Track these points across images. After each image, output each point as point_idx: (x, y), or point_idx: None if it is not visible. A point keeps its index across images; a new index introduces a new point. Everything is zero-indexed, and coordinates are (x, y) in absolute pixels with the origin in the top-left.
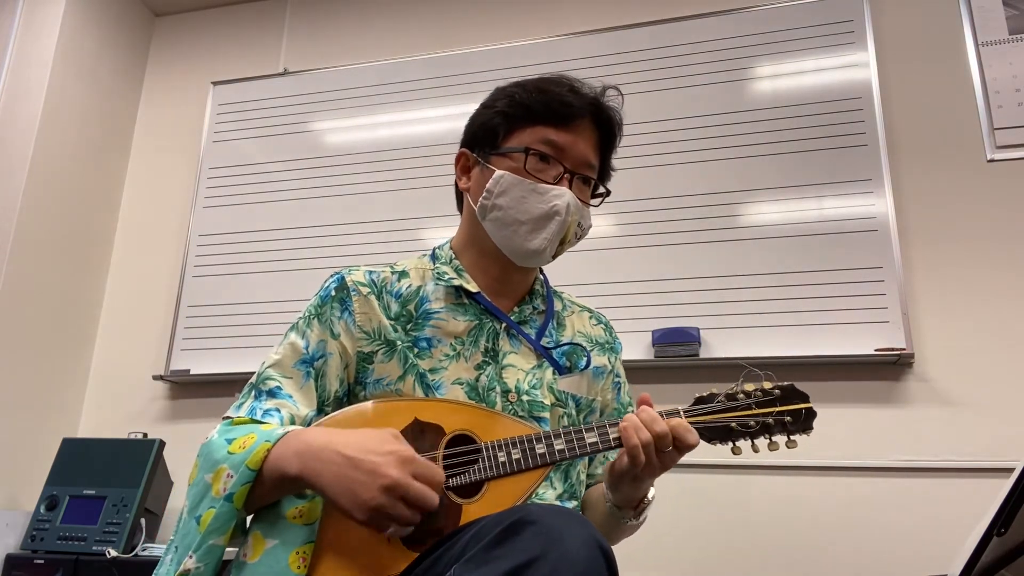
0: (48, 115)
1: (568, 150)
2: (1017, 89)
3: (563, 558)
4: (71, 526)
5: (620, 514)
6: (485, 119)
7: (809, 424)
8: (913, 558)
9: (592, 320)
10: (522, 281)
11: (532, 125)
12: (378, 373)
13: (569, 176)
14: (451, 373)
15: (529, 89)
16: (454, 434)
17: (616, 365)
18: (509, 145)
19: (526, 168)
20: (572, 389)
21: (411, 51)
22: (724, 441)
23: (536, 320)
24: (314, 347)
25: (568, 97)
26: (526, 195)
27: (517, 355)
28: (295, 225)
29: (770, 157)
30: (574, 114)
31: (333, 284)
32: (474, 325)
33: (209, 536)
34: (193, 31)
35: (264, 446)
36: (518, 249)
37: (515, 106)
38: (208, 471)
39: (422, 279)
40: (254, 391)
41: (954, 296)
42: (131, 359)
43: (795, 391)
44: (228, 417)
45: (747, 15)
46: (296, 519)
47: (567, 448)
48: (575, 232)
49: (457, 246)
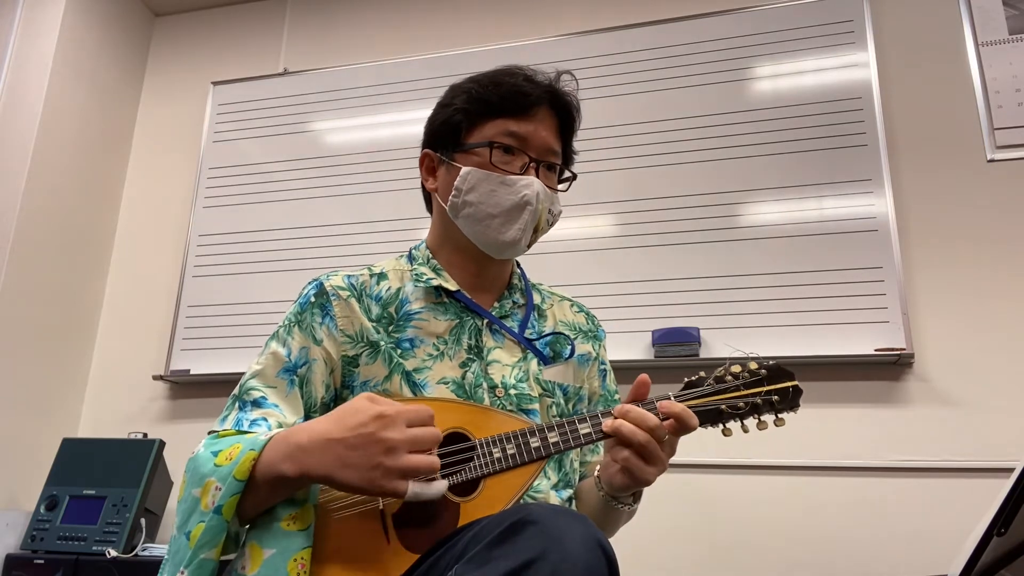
0: (48, 115)
1: (530, 139)
2: (1017, 89)
3: (564, 558)
4: (71, 526)
5: (616, 502)
6: (445, 117)
7: (796, 402)
8: (913, 558)
9: (574, 308)
10: (500, 275)
11: (492, 118)
12: (364, 375)
13: (535, 165)
14: (436, 373)
15: (485, 83)
16: (447, 432)
17: (600, 352)
18: (472, 141)
19: (492, 162)
20: (558, 378)
21: (411, 51)
22: (715, 424)
23: (517, 313)
24: (296, 355)
25: (524, 87)
26: (495, 188)
27: (501, 350)
28: (295, 225)
29: (770, 157)
30: (532, 103)
31: (312, 291)
32: (455, 324)
33: (200, 551)
34: (193, 31)
35: (250, 455)
36: (493, 242)
37: (473, 101)
38: (196, 485)
39: (401, 280)
40: (238, 403)
41: (954, 296)
42: (131, 359)
43: (781, 370)
44: (214, 431)
45: (747, 15)
46: (291, 525)
47: (561, 440)
48: (547, 219)
49: (432, 245)
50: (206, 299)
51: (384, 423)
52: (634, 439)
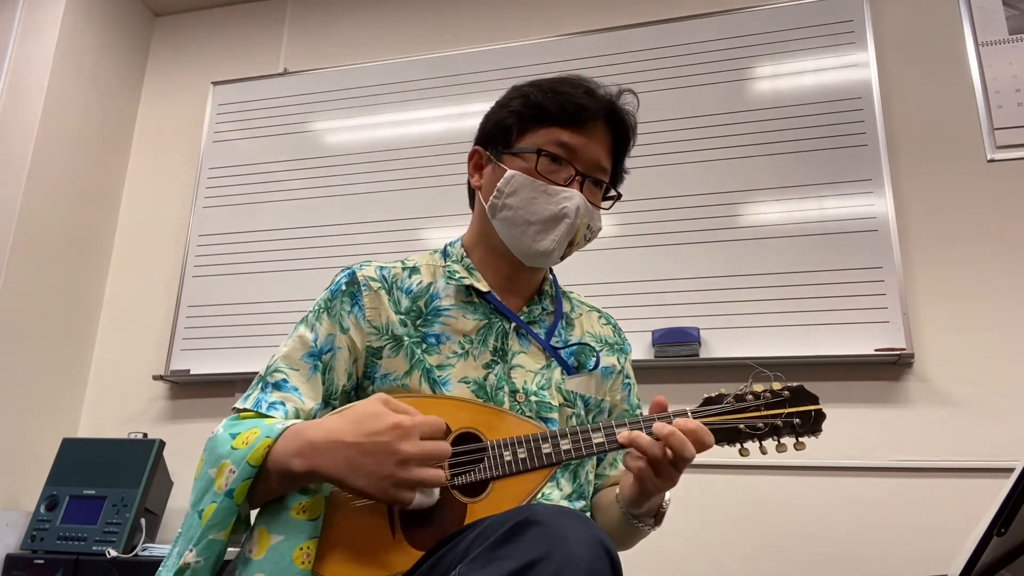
0: (48, 115)
1: (580, 152)
2: (1017, 89)
3: (568, 559)
4: (71, 526)
5: (638, 522)
6: (499, 118)
7: (818, 426)
8: (913, 558)
9: (601, 320)
10: (531, 280)
11: (545, 126)
12: (385, 368)
13: (580, 178)
14: (458, 371)
15: (544, 89)
16: (460, 432)
17: (625, 366)
18: (522, 145)
19: (537, 169)
20: (580, 389)
21: (411, 51)
22: (732, 443)
23: (545, 320)
24: (323, 340)
25: (583, 99)
26: (536, 196)
27: (526, 355)
28: (295, 225)
29: (770, 157)
30: (588, 116)
31: (344, 279)
32: (483, 324)
33: (209, 531)
34: (193, 31)
35: (265, 443)
36: (526, 249)
37: (529, 106)
38: (212, 466)
39: (433, 276)
40: (262, 383)
41: (954, 296)
42: (131, 359)
43: (804, 392)
44: (236, 409)
45: (747, 15)
46: (300, 514)
47: (573, 448)
48: (584, 235)
49: (468, 243)
50: (206, 299)
51: (399, 434)
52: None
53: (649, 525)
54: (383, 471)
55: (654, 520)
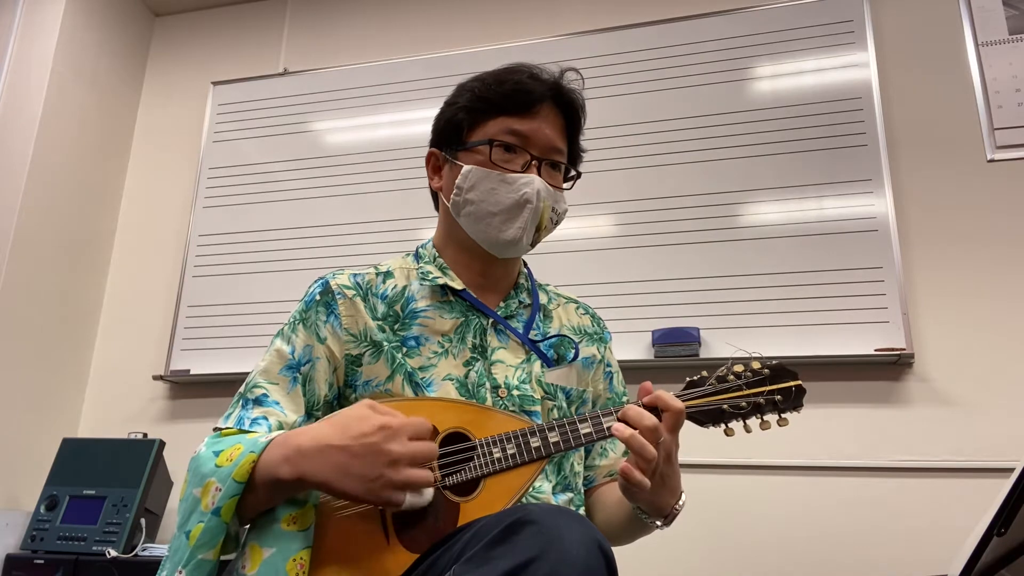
0: (48, 115)
1: (532, 137)
2: (1017, 89)
3: (562, 558)
4: (71, 526)
5: (648, 520)
6: (449, 116)
7: (799, 401)
8: (913, 558)
9: (579, 311)
10: (506, 275)
11: (494, 116)
12: (367, 375)
13: (537, 163)
14: (440, 370)
15: (488, 81)
16: (447, 432)
17: (606, 354)
18: (474, 139)
19: (492, 160)
20: (561, 381)
21: (411, 51)
22: (717, 424)
23: (523, 314)
24: (300, 352)
25: (527, 84)
26: (495, 186)
27: (505, 350)
28: (295, 225)
29: (770, 157)
30: (534, 100)
31: (318, 289)
32: (461, 322)
33: (198, 551)
34: (193, 31)
35: (249, 458)
36: (494, 240)
37: (476, 100)
38: (197, 485)
39: (407, 279)
40: (242, 400)
41: (954, 296)
42: (131, 359)
43: (784, 369)
44: (217, 429)
45: (747, 15)
46: (290, 525)
47: (562, 440)
48: (550, 217)
49: (438, 244)
50: (206, 299)
51: (388, 435)
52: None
53: (657, 526)
54: (373, 472)
55: (663, 520)
